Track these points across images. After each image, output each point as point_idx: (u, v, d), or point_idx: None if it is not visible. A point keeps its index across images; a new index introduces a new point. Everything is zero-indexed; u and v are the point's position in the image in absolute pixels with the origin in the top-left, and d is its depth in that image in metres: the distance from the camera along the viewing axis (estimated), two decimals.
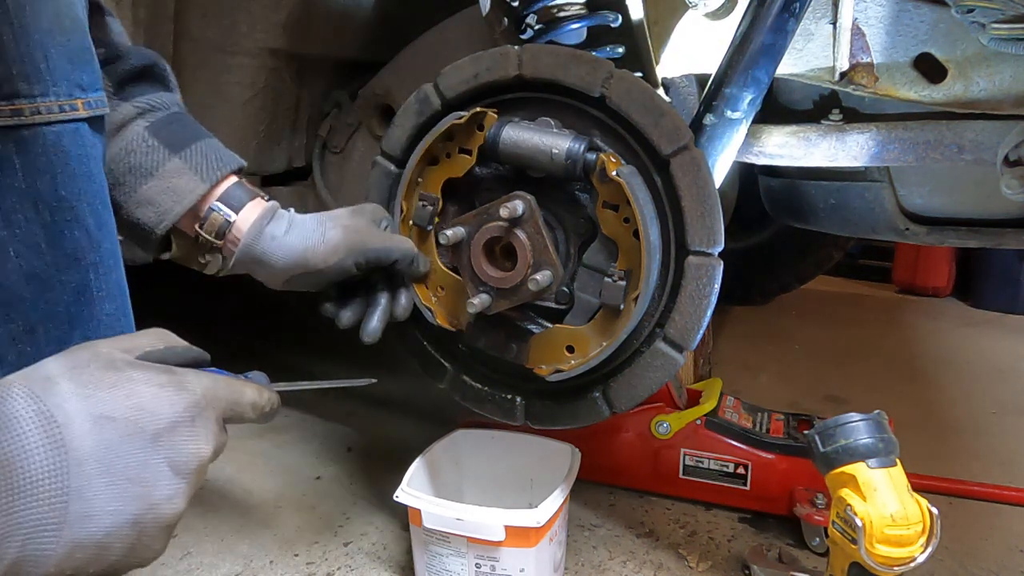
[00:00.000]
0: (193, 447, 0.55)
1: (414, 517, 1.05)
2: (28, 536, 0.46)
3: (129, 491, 0.50)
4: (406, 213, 1.02)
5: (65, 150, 0.67)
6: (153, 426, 0.52)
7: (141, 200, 0.87)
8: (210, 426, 0.57)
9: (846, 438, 0.93)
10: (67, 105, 0.67)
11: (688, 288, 0.93)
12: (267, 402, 0.65)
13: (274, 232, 0.91)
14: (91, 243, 0.70)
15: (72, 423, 0.49)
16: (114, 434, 0.50)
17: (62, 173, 0.67)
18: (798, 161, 1.18)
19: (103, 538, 0.49)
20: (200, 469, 0.56)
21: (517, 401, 1.07)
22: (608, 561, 1.20)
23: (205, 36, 1.38)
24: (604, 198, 0.93)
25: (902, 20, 1.02)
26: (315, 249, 0.91)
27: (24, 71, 0.63)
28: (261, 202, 0.93)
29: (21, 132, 0.64)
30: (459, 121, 0.96)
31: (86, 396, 0.50)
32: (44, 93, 0.65)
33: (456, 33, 1.45)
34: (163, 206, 0.87)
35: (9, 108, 0.63)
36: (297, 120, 1.61)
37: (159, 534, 0.53)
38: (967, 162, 1.07)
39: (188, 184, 0.88)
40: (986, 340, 2.60)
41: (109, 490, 0.49)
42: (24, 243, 0.65)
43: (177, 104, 0.93)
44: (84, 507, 0.48)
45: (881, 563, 0.89)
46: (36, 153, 0.65)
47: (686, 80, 1.21)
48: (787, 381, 2.09)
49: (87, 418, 0.49)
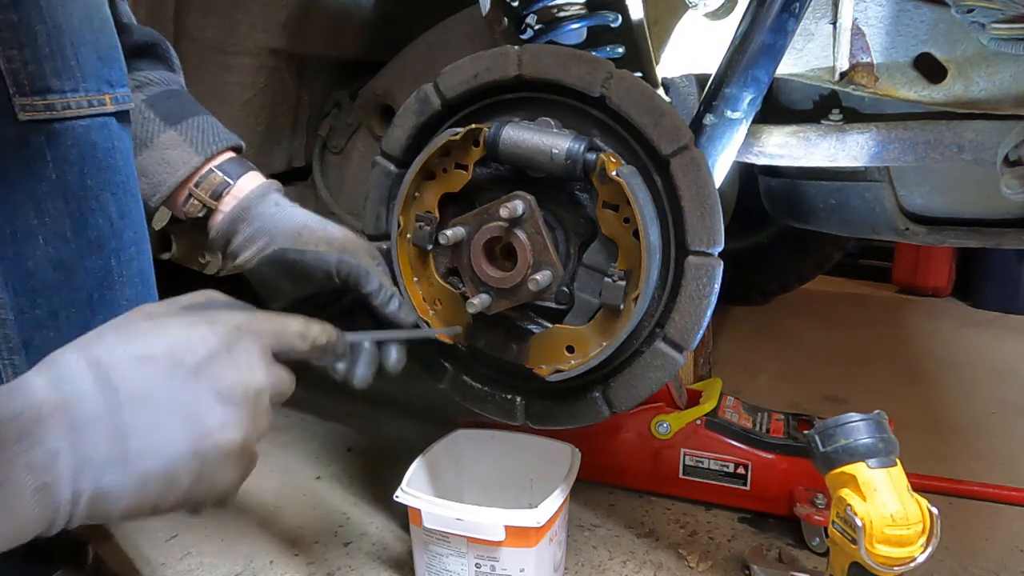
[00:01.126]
0: (234, 375, 0.56)
1: (414, 517, 1.05)
2: (99, 471, 0.49)
3: (180, 423, 0.52)
4: (403, 228, 1.02)
5: (93, 143, 0.70)
6: (192, 359, 0.54)
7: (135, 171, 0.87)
8: (252, 356, 0.58)
9: (846, 438, 0.93)
10: (96, 100, 0.69)
11: (688, 288, 0.93)
12: (319, 333, 0.65)
13: (278, 200, 0.90)
14: (113, 231, 0.72)
15: (116, 364, 0.52)
16: (156, 371, 0.53)
17: (89, 164, 0.70)
18: (798, 161, 1.18)
19: (167, 469, 0.52)
20: (251, 397, 0.56)
21: (517, 401, 1.07)
22: (608, 561, 1.20)
23: (205, 36, 1.38)
24: (604, 198, 0.93)
25: (902, 20, 1.02)
26: (313, 229, 0.88)
27: (56, 67, 0.66)
28: (261, 176, 0.92)
29: (53, 126, 0.66)
30: (455, 137, 0.96)
31: (127, 341, 0.54)
32: (75, 89, 0.67)
33: (456, 33, 1.45)
34: (156, 177, 0.87)
35: (42, 103, 0.65)
36: (297, 120, 1.61)
37: (222, 462, 0.54)
38: (967, 162, 1.07)
39: (182, 156, 0.87)
40: (986, 340, 2.60)
41: (162, 423, 0.52)
42: (52, 231, 0.68)
43: (178, 84, 0.93)
44: (142, 441, 0.51)
45: (881, 563, 0.89)
46: (66, 146, 0.68)
47: (686, 80, 1.21)
48: (787, 381, 2.09)
49: (130, 359, 0.52)
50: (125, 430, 0.51)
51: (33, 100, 0.65)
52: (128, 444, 0.51)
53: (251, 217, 0.88)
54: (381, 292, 0.86)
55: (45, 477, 0.48)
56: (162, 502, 0.53)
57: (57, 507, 0.49)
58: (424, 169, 0.99)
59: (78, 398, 0.50)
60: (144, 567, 1.17)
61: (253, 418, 0.57)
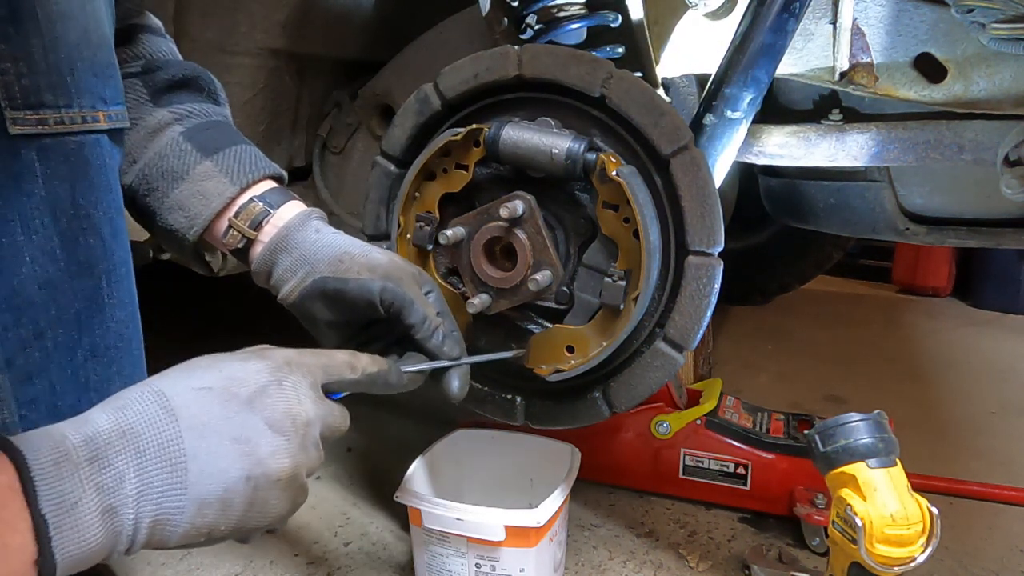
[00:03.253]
0: (284, 406, 0.59)
1: (414, 517, 1.05)
2: (160, 496, 0.52)
3: (235, 450, 0.55)
4: (403, 228, 1.02)
5: (85, 160, 0.68)
6: (245, 391, 0.57)
7: (173, 205, 0.84)
8: (302, 389, 0.61)
9: (846, 438, 0.93)
10: (89, 116, 0.68)
11: (688, 288, 0.93)
12: (368, 363, 0.68)
13: (319, 227, 0.85)
14: (105, 251, 0.71)
15: (178, 395, 0.55)
16: (214, 401, 0.56)
17: (81, 182, 0.68)
18: (798, 161, 1.18)
19: (223, 494, 0.54)
20: (299, 428, 0.59)
21: (517, 401, 1.07)
22: (608, 561, 1.20)
23: (205, 36, 1.38)
24: (604, 198, 0.93)
25: (902, 20, 1.02)
26: (355, 256, 0.81)
27: (51, 82, 0.65)
28: (303, 204, 0.88)
29: (44, 140, 0.65)
30: (455, 138, 0.96)
31: (187, 376, 0.58)
32: (68, 104, 0.66)
33: (456, 33, 1.45)
34: (192, 210, 0.83)
35: (34, 117, 0.64)
36: (297, 120, 1.61)
37: (272, 488, 0.57)
38: (967, 162, 1.07)
39: (217, 187, 0.83)
40: (986, 340, 2.60)
41: (219, 451, 0.54)
42: (40, 249, 0.66)
43: (221, 115, 0.90)
44: (201, 467, 0.53)
45: (881, 563, 0.89)
46: (57, 161, 0.66)
47: (686, 80, 1.21)
48: (787, 381, 2.09)
49: (190, 391, 0.56)
50: (185, 456, 0.53)
51: (25, 114, 0.63)
52: (188, 469, 0.53)
53: (290, 246, 0.83)
54: (424, 325, 0.79)
55: (112, 499, 0.50)
56: (216, 529, 0.55)
57: (120, 531, 0.50)
58: (424, 169, 0.99)
59: (143, 425, 0.53)
60: (144, 567, 1.17)
61: (303, 448, 0.59)
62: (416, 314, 0.79)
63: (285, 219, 0.84)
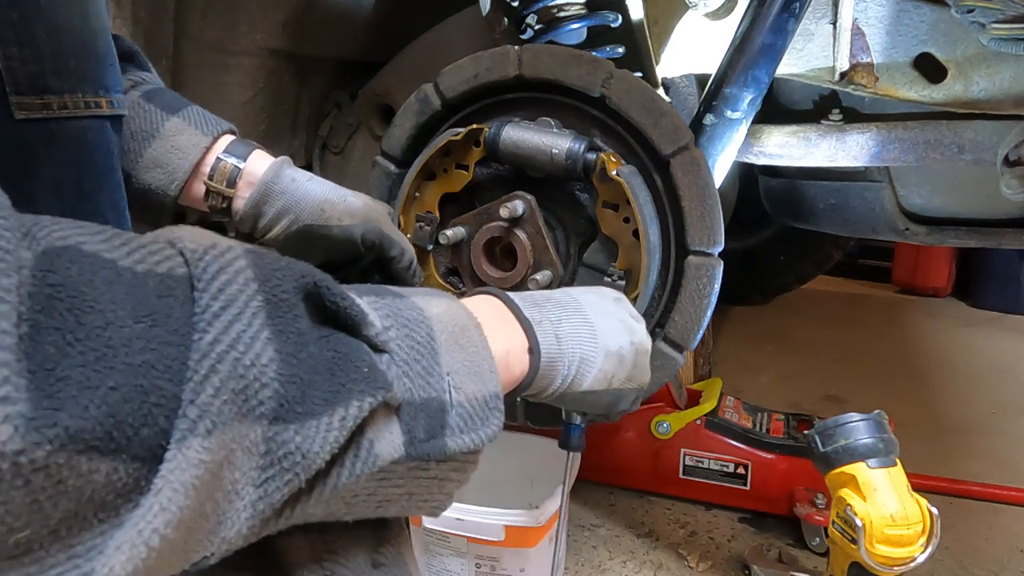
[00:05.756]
0: (633, 309, 0.74)
1: (414, 517, 1.05)
2: (582, 343, 0.65)
3: (621, 325, 0.70)
4: (403, 228, 1.02)
5: (89, 144, 0.70)
6: (612, 295, 0.73)
7: (148, 163, 0.87)
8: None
9: (846, 438, 0.93)
10: (92, 102, 0.69)
11: (688, 288, 0.93)
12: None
13: (294, 175, 0.91)
14: None
15: (572, 291, 0.71)
16: (600, 298, 0.71)
17: (85, 166, 0.69)
18: (798, 161, 1.18)
19: (619, 350, 0.68)
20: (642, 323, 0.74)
21: (517, 401, 1.07)
22: (608, 561, 1.20)
23: (205, 36, 1.38)
24: (604, 198, 0.93)
25: (902, 20, 1.02)
26: (334, 203, 0.90)
27: (55, 68, 0.66)
28: (265, 153, 0.93)
29: (49, 125, 0.66)
30: (456, 138, 0.96)
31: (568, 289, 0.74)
32: (72, 90, 0.67)
33: (456, 33, 1.45)
34: (170, 165, 0.88)
35: (39, 102, 0.65)
36: (297, 120, 1.61)
37: (645, 356, 0.72)
38: (967, 162, 1.07)
39: (191, 139, 0.88)
40: (986, 340, 2.60)
41: (612, 325, 0.69)
42: None
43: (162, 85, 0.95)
44: (603, 331, 0.68)
45: (881, 563, 0.89)
46: (61, 146, 0.67)
47: (686, 80, 1.21)
48: (787, 381, 2.09)
49: (580, 292, 0.71)
50: (594, 324, 0.67)
51: (31, 99, 0.64)
52: (596, 330, 0.67)
53: (272, 198, 0.90)
54: (403, 256, 0.92)
55: (557, 330, 0.64)
56: (615, 378, 0.68)
57: (561, 359, 0.64)
58: (424, 169, 0.99)
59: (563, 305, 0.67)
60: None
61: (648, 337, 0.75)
62: (395, 247, 0.91)
63: (258, 173, 0.90)
